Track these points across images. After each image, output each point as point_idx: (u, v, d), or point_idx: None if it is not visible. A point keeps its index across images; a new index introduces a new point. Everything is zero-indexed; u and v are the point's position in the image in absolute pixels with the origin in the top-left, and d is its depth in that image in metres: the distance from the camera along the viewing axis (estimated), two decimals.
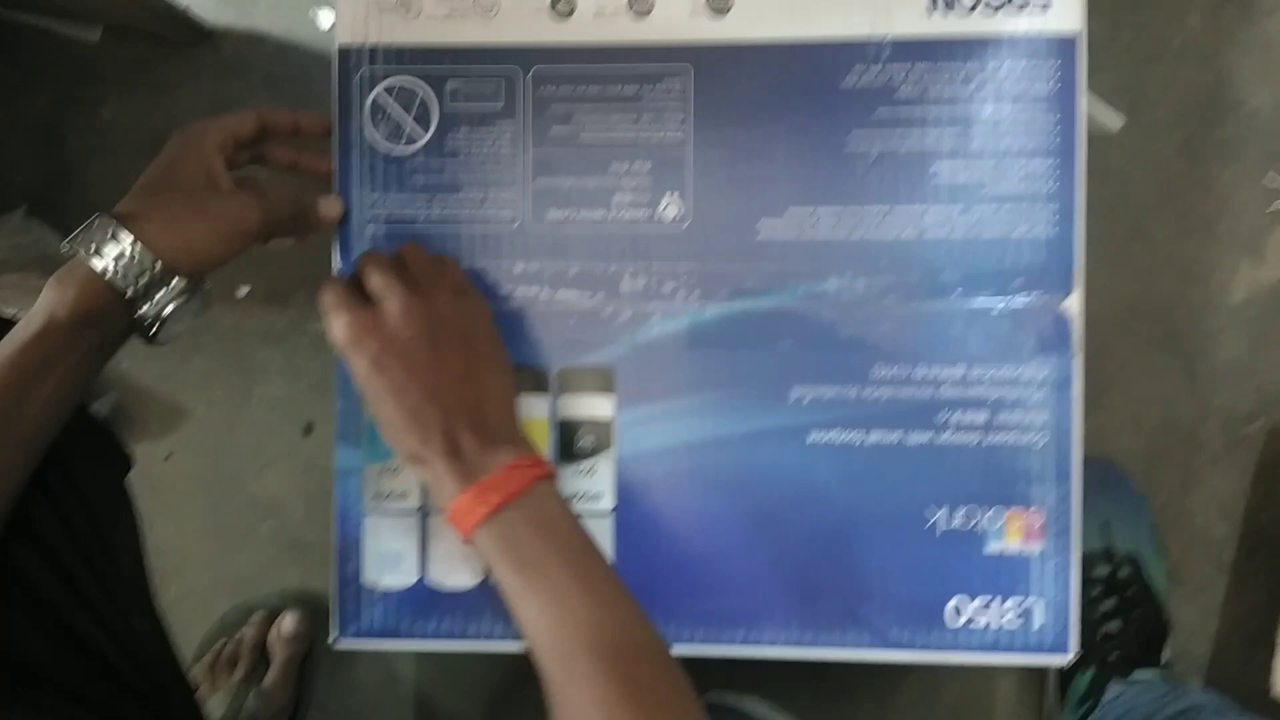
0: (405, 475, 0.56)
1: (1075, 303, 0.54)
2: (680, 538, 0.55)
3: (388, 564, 0.56)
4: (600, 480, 0.55)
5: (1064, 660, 0.55)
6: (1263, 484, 0.82)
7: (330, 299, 0.50)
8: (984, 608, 0.54)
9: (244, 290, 0.87)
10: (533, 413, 0.55)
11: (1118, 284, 0.82)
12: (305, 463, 0.87)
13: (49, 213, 0.85)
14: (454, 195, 0.56)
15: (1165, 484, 0.83)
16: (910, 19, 0.54)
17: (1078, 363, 0.54)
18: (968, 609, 0.54)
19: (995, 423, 0.54)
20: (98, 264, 0.46)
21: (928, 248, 0.54)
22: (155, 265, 0.47)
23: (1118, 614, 0.75)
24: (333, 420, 0.56)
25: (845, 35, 0.54)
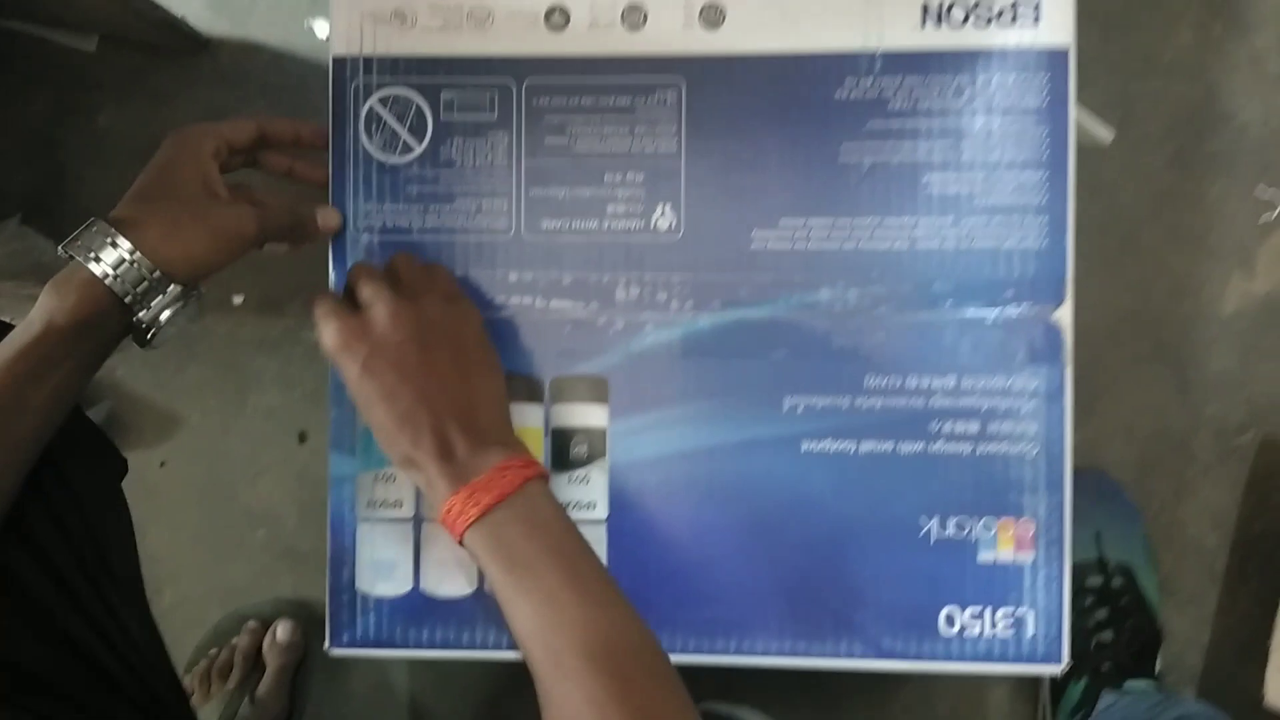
0: (399, 484, 0.56)
1: (1066, 314, 0.54)
2: (674, 547, 0.55)
3: (381, 572, 0.56)
4: (594, 489, 0.56)
5: (1056, 670, 0.55)
6: (1254, 494, 0.82)
7: (321, 307, 0.50)
8: (976, 617, 0.54)
9: (239, 299, 0.87)
10: (527, 421, 0.55)
11: (1109, 296, 0.83)
12: (299, 471, 0.87)
13: (44, 221, 0.85)
14: (448, 205, 0.56)
15: (1157, 494, 0.83)
16: (902, 32, 0.54)
17: (1069, 373, 0.54)
18: (960, 618, 0.54)
19: (987, 432, 0.54)
20: (97, 270, 0.46)
21: (919, 258, 0.54)
22: (154, 272, 0.48)
23: (1110, 624, 0.76)
24: (327, 429, 0.56)
25: (837, 48, 0.54)
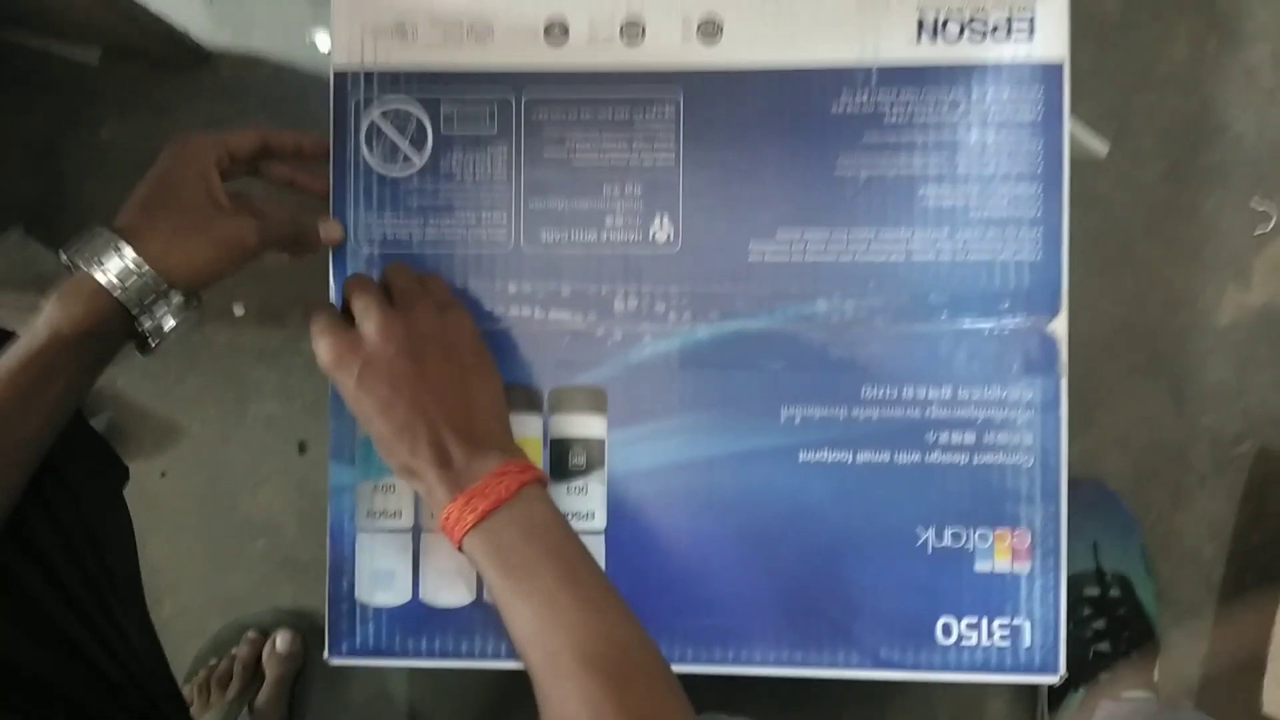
0: (398, 494, 0.56)
1: (1061, 325, 0.54)
2: (671, 556, 0.55)
3: (381, 582, 0.56)
4: (592, 499, 0.56)
5: (1053, 680, 0.55)
6: (1251, 505, 0.83)
7: (316, 323, 0.50)
8: (973, 627, 0.54)
9: (240, 309, 0.87)
10: (526, 432, 0.56)
11: (1105, 307, 0.83)
12: (299, 481, 0.88)
13: (46, 232, 0.85)
14: (448, 217, 0.56)
15: (1154, 505, 0.83)
16: (898, 46, 0.54)
17: (1064, 384, 0.54)
18: (957, 628, 0.54)
19: (983, 443, 0.54)
20: (102, 279, 0.47)
21: (915, 270, 0.55)
22: (159, 282, 0.48)
23: (1108, 634, 0.76)
24: (326, 439, 0.56)
25: (834, 62, 0.55)
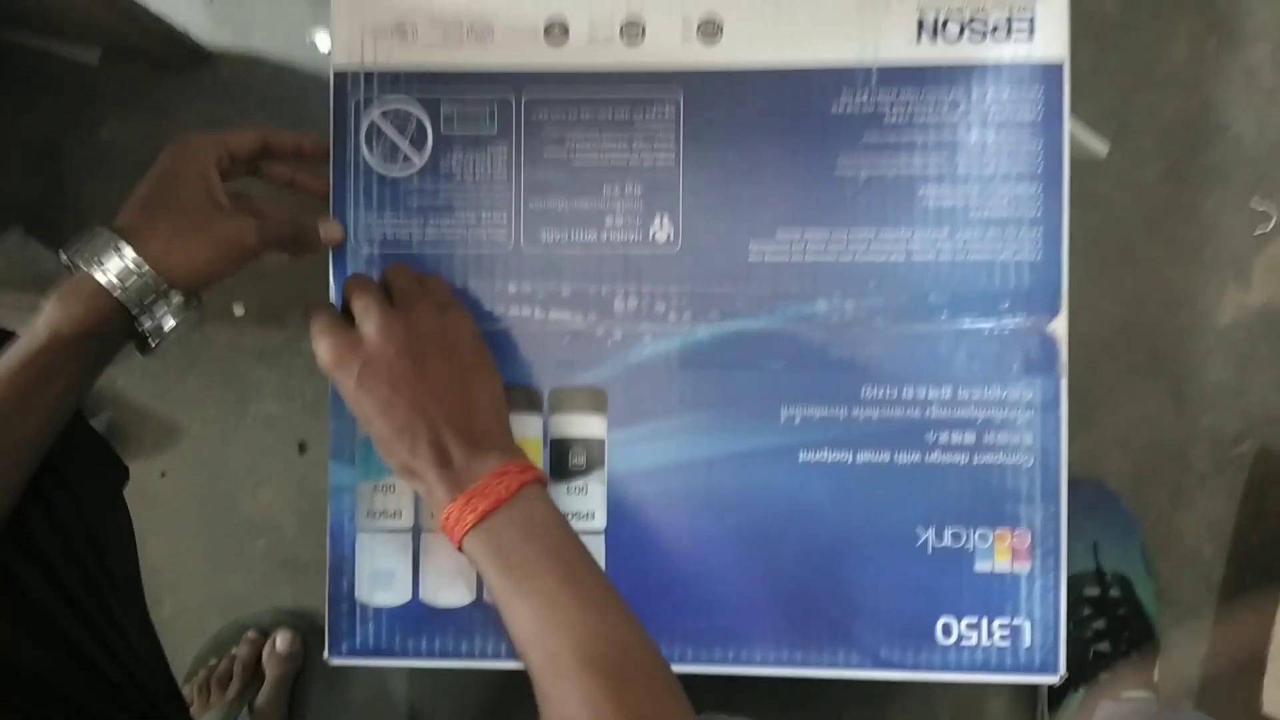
0: (398, 494, 0.56)
1: (1061, 325, 0.54)
2: (671, 556, 0.55)
3: (381, 582, 0.56)
4: (592, 499, 0.56)
5: (1053, 680, 0.55)
6: (1251, 505, 0.83)
7: (316, 324, 0.50)
8: (973, 627, 0.55)
9: (240, 309, 0.88)
10: (526, 432, 0.56)
11: (1105, 307, 0.83)
12: (299, 481, 0.88)
13: (46, 232, 0.86)
14: (448, 217, 0.56)
15: (1154, 505, 0.83)
16: (898, 46, 0.54)
17: (1064, 384, 0.54)
18: (957, 628, 0.55)
19: (983, 443, 0.55)
20: (102, 279, 0.47)
21: (915, 270, 0.55)
22: (159, 282, 0.48)
23: (1108, 634, 0.76)
24: (327, 439, 0.56)
25: (834, 62, 0.55)
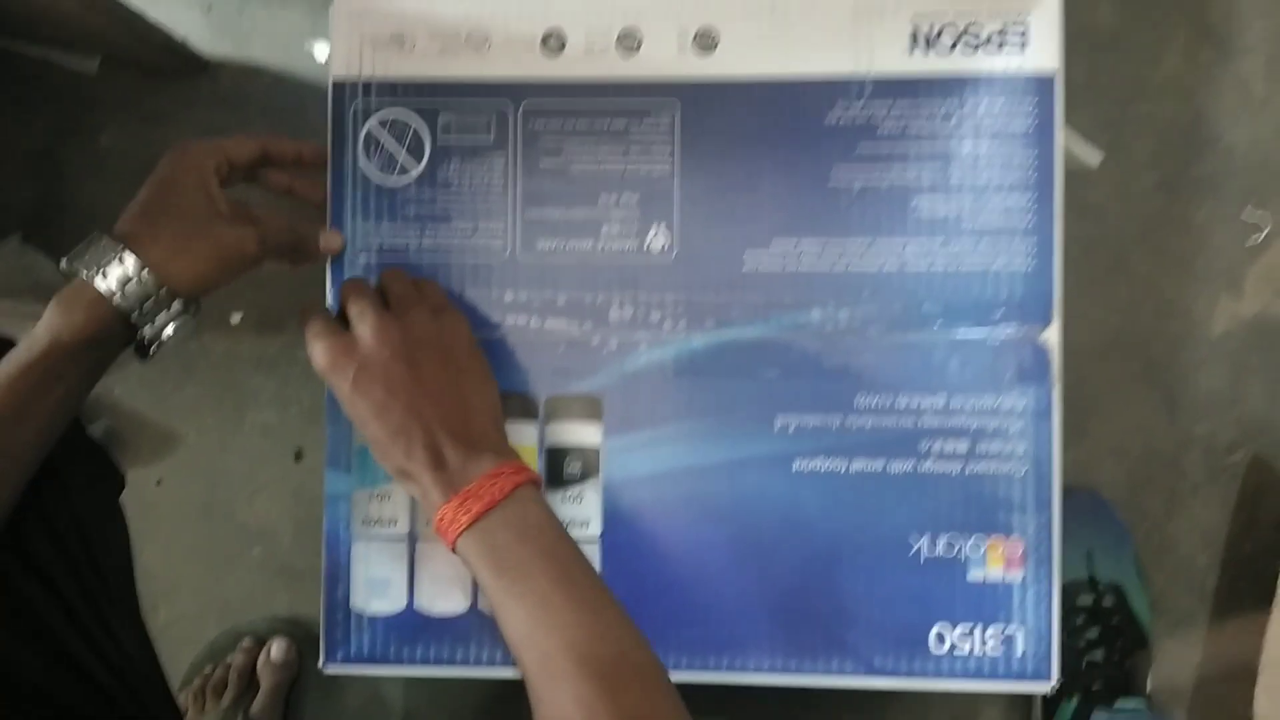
0: (394, 501, 0.56)
1: (1054, 334, 0.55)
2: (666, 564, 0.56)
3: (376, 589, 0.56)
4: (588, 507, 0.56)
5: (1046, 688, 0.55)
6: (1244, 514, 0.83)
7: (312, 328, 0.51)
8: (966, 635, 0.55)
9: (237, 317, 0.88)
10: (521, 439, 0.56)
11: (1099, 317, 0.83)
12: (295, 489, 0.88)
13: (44, 239, 0.86)
14: (445, 226, 0.56)
15: (1148, 514, 0.83)
16: (891, 57, 0.55)
17: (1057, 393, 0.55)
18: (950, 636, 0.55)
19: (976, 452, 0.55)
20: (103, 287, 0.47)
21: (909, 279, 0.55)
22: (159, 289, 0.48)
23: (1102, 643, 0.76)
24: (323, 446, 0.57)
25: (828, 73, 0.55)
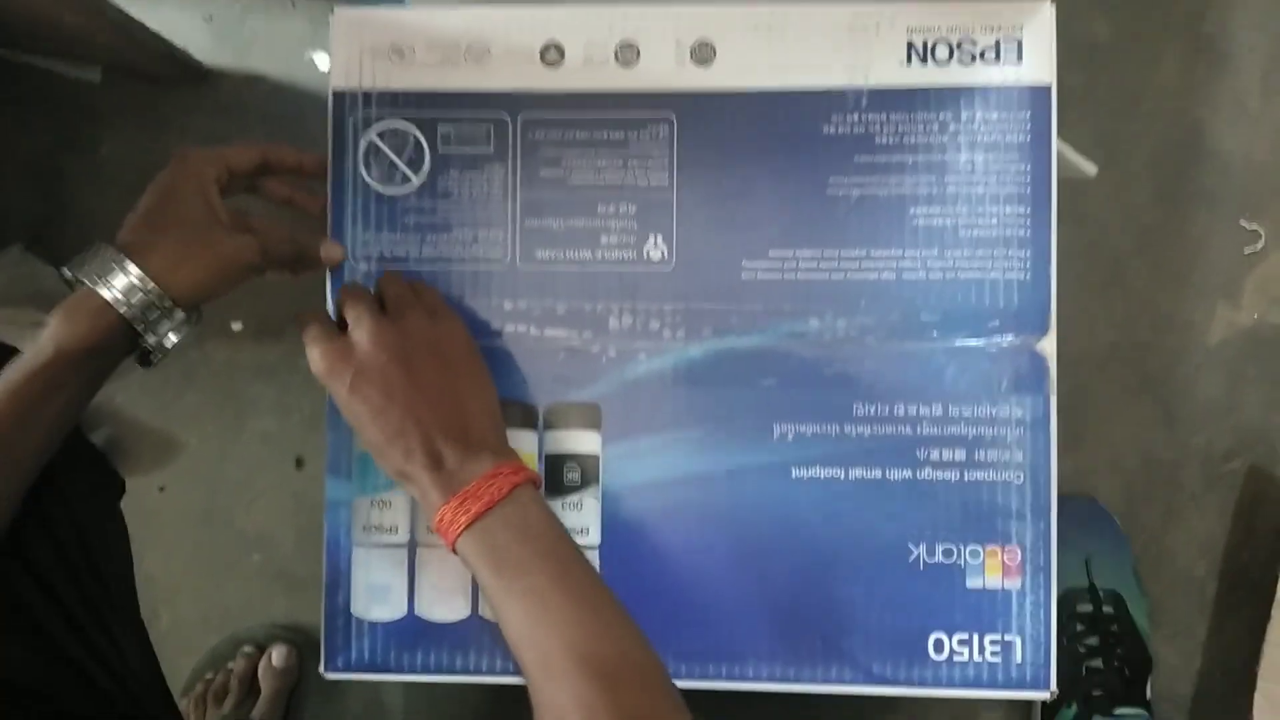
0: (395, 508, 0.56)
1: (1050, 344, 0.55)
2: (665, 571, 0.56)
3: (376, 596, 0.56)
4: (587, 514, 0.56)
5: (1044, 696, 0.55)
6: (1242, 523, 0.83)
7: (309, 333, 0.51)
8: (964, 643, 0.55)
9: (237, 325, 0.88)
10: (521, 447, 0.56)
11: (1097, 327, 0.84)
12: (295, 496, 0.88)
13: (46, 248, 0.86)
14: (445, 235, 0.57)
15: (1146, 524, 0.83)
16: (888, 69, 0.55)
17: (1053, 402, 0.55)
18: (949, 644, 0.55)
19: (973, 460, 0.55)
20: (108, 296, 0.47)
21: (906, 289, 0.55)
22: (163, 299, 0.48)
23: (1101, 650, 0.76)
24: (323, 453, 0.57)
25: (825, 85, 0.55)
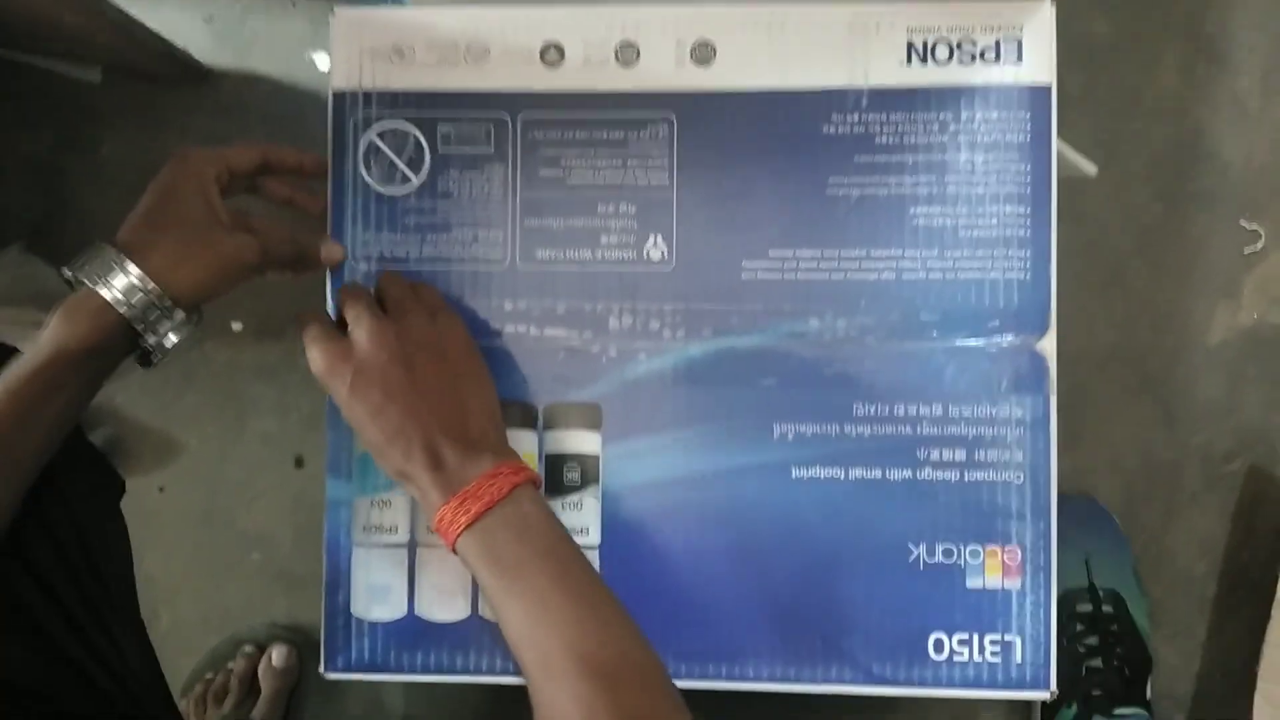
0: (395, 508, 0.56)
1: (1050, 343, 0.55)
2: (665, 571, 0.56)
3: (377, 596, 0.56)
4: (587, 514, 0.56)
5: (1044, 696, 0.55)
6: (1242, 522, 0.83)
7: (309, 333, 0.51)
8: (964, 643, 0.55)
9: (238, 326, 0.88)
10: (521, 447, 0.56)
11: (1097, 327, 0.84)
12: (296, 496, 0.88)
13: (46, 247, 0.86)
14: (445, 235, 0.57)
15: (1146, 524, 0.83)
16: (888, 69, 0.55)
17: (1053, 402, 0.55)
18: (949, 644, 0.55)
19: (973, 460, 0.55)
20: (108, 296, 0.47)
21: (906, 289, 0.55)
22: (163, 299, 0.48)
23: (1101, 650, 0.76)
24: (323, 453, 0.57)
25: (825, 85, 0.55)
